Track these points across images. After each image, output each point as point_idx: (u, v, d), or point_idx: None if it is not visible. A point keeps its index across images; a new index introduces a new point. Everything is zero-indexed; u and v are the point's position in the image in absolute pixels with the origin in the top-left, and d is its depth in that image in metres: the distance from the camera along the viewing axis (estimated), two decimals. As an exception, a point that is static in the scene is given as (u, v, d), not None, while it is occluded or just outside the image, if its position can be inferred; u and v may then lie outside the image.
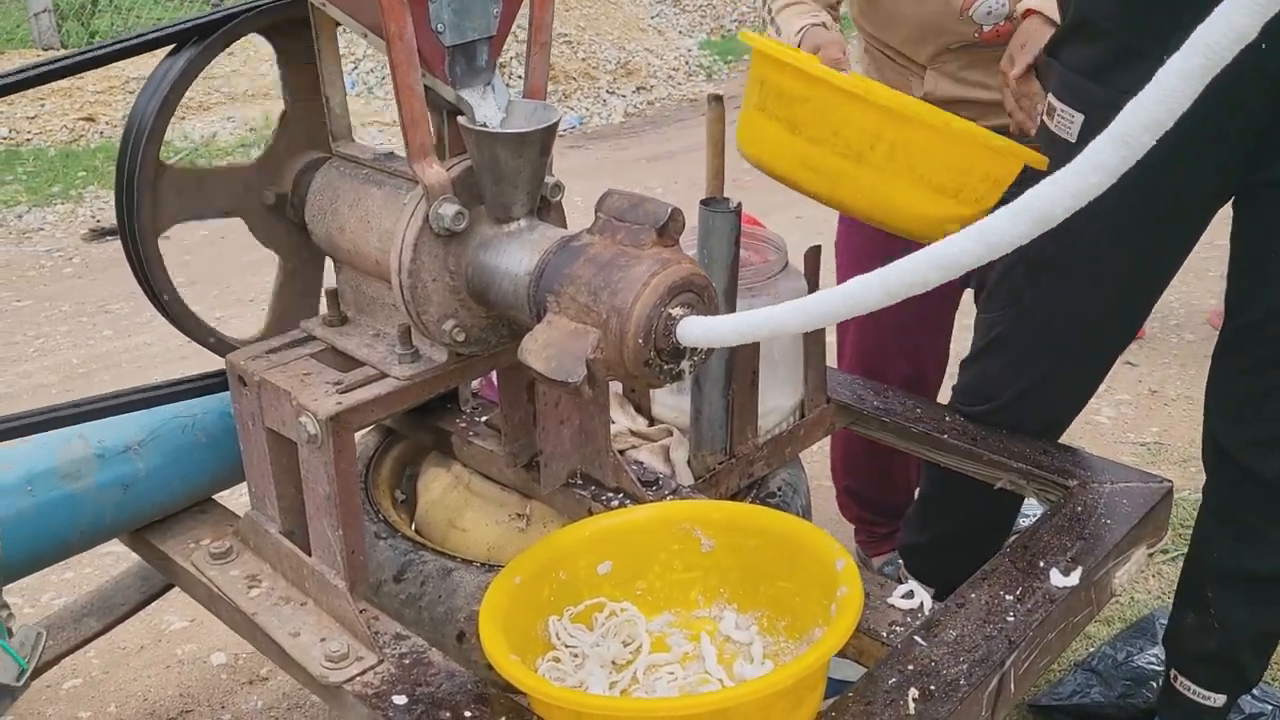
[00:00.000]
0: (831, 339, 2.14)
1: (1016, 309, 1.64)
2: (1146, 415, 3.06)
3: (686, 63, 7.56)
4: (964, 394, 1.78)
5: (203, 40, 1.30)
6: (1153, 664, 1.91)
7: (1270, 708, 1.85)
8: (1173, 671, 1.74)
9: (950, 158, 1.51)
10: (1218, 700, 1.70)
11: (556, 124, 1.15)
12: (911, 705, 1.19)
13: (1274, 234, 1.46)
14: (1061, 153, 1.48)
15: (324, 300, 1.43)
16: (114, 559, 2.38)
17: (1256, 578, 1.61)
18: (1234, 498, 1.59)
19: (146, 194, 1.30)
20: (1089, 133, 1.42)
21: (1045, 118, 1.53)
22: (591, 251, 1.11)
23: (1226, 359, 1.56)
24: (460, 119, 1.17)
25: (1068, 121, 1.46)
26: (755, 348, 1.64)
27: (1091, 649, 2.05)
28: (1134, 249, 1.51)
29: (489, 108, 1.18)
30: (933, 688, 1.22)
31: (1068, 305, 1.58)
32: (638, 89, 6.99)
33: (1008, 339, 1.67)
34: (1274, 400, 1.51)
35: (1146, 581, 2.32)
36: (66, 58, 1.28)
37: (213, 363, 1.44)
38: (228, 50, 1.34)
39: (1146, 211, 1.45)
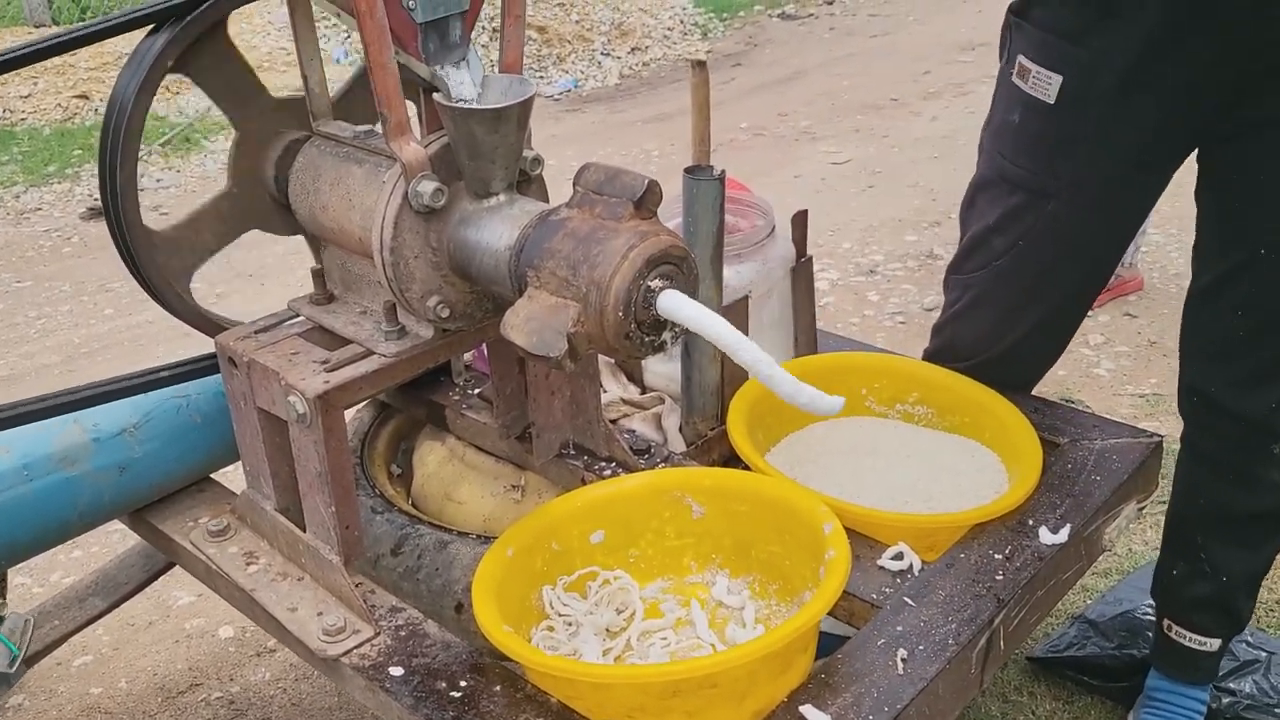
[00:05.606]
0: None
1: (992, 271, 1.65)
2: (1145, 366, 3.06)
3: (681, 21, 7.46)
4: (939, 355, 1.78)
5: (179, 20, 1.31)
6: (1148, 614, 1.92)
7: (1265, 654, 1.86)
8: (1165, 620, 1.75)
9: None
10: (1212, 644, 1.71)
11: (532, 99, 1.14)
12: (900, 665, 1.21)
13: (1261, 170, 1.45)
14: (1038, 114, 1.49)
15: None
16: (120, 537, 2.40)
17: (1247, 519, 1.62)
18: (1218, 441, 1.59)
19: (130, 177, 1.31)
20: (1068, 94, 1.44)
21: (1017, 79, 1.50)
22: (570, 225, 1.11)
23: (1206, 305, 1.57)
24: (435, 96, 1.17)
25: (1044, 83, 1.46)
26: (744, 312, 1.64)
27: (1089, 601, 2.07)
28: (1106, 211, 1.55)
29: (464, 83, 1.18)
30: (921, 647, 1.23)
31: (1046, 266, 1.60)
32: (633, 50, 6.90)
33: (987, 299, 1.69)
34: (1260, 337, 1.51)
35: (1144, 532, 2.32)
36: (53, 37, 1.29)
37: (209, 344, 1.45)
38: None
39: (1115, 175, 1.50)
